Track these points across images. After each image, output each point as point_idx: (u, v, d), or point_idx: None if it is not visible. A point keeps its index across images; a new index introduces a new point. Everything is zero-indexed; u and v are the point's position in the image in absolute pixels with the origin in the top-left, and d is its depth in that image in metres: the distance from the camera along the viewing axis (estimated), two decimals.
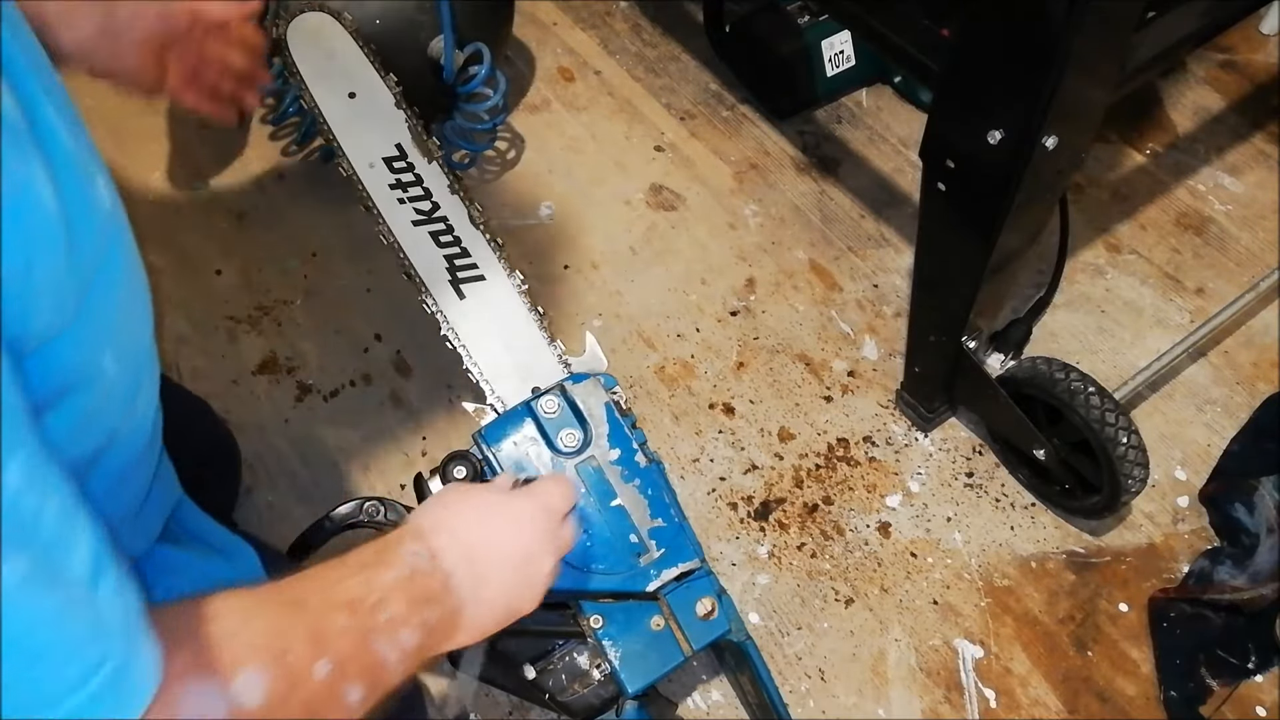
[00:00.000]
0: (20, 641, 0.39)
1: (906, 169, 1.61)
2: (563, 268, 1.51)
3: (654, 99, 1.71)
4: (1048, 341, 1.42)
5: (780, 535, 1.27)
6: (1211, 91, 1.71)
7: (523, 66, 1.74)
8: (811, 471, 1.32)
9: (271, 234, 1.53)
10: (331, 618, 0.55)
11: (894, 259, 1.52)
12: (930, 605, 1.22)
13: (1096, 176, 1.60)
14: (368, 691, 0.57)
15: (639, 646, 0.93)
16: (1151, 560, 1.25)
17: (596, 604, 0.94)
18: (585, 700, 0.96)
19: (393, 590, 0.60)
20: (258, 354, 1.41)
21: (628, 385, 1.39)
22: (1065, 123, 0.92)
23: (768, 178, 1.61)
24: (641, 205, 1.58)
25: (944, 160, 1.01)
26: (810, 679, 1.17)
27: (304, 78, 1.17)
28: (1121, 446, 1.11)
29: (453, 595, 0.64)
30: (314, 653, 0.53)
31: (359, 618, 0.57)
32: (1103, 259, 1.51)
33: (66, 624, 0.41)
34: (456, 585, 0.64)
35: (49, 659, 0.40)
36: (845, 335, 1.45)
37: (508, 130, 1.64)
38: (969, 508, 1.29)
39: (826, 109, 1.69)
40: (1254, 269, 1.49)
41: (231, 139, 1.62)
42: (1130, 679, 1.17)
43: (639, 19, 1.82)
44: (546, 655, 0.97)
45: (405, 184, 1.12)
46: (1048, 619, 1.21)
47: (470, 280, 1.07)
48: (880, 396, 1.38)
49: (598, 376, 0.98)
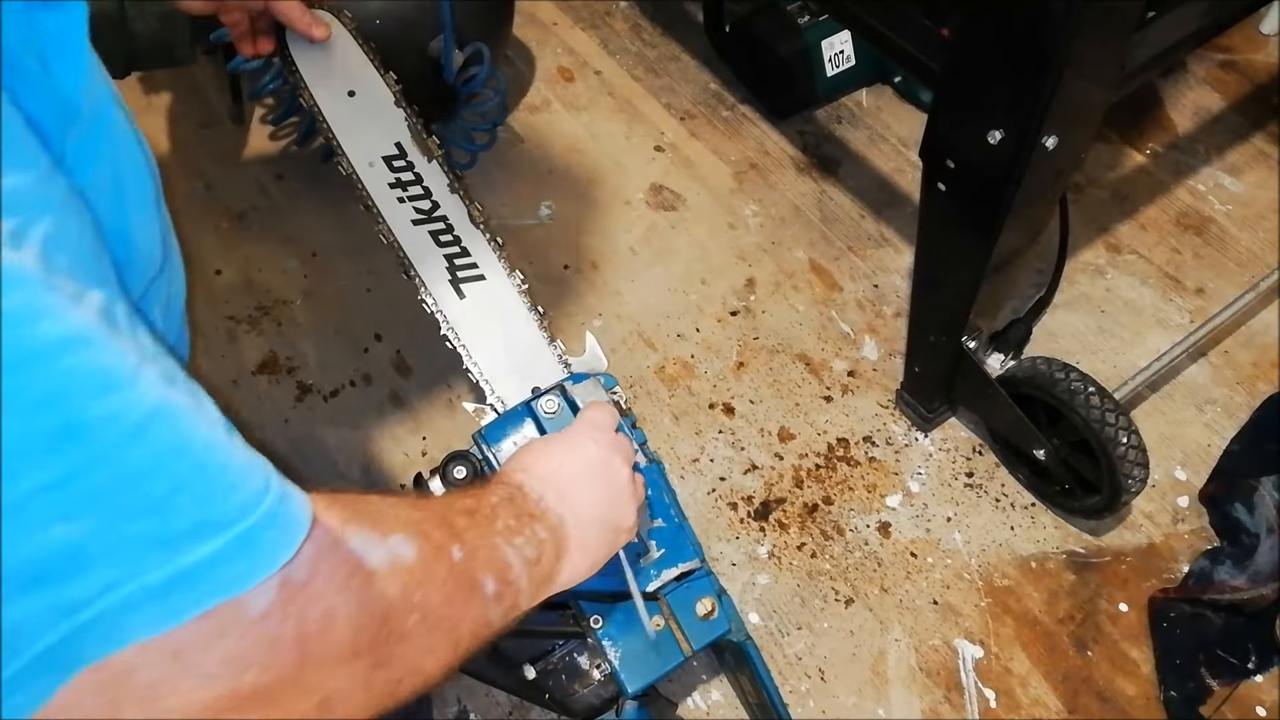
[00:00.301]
0: (204, 455, 0.41)
1: (906, 169, 1.61)
2: (563, 268, 1.51)
3: (654, 99, 1.71)
4: (1048, 341, 1.42)
5: (780, 535, 1.27)
6: (1211, 91, 1.71)
7: (523, 66, 1.74)
8: (811, 471, 1.32)
9: (271, 234, 1.53)
10: (455, 518, 0.58)
11: (894, 259, 1.52)
12: (930, 605, 1.22)
13: (1096, 176, 1.60)
14: (500, 587, 0.59)
15: (639, 646, 0.93)
16: (1151, 560, 1.25)
17: (596, 604, 0.94)
18: (585, 700, 0.96)
19: (499, 506, 0.64)
20: (258, 354, 1.41)
21: (628, 385, 1.39)
22: (1065, 123, 0.92)
23: (768, 178, 1.61)
24: (641, 205, 1.58)
25: (944, 160, 1.01)
26: (810, 679, 1.17)
27: (304, 76, 1.17)
28: (1121, 446, 1.11)
29: (551, 514, 0.67)
30: (448, 538, 0.56)
31: (478, 520, 0.60)
32: (1103, 259, 1.51)
33: (233, 453, 0.42)
34: (551, 507, 0.68)
35: (225, 478, 0.41)
36: (845, 335, 1.45)
37: (508, 130, 1.64)
38: (969, 508, 1.29)
39: (826, 109, 1.69)
40: (1254, 269, 1.49)
41: (231, 139, 1.62)
42: (1130, 679, 1.17)
43: (639, 19, 1.82)
44: (546, 655, 0.97)
45: (405, 183, 1.11)
46: (1048, 619, 1.21)
47: (470, 280, 1.07)
48: (880, 396, 1.38)
49: (598, 376, 0.98)
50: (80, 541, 0.37)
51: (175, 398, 0.40)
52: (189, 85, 1.66)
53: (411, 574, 0.51)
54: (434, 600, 0.52)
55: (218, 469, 0.41)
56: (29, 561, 0.36)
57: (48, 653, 0.38)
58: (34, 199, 0.39)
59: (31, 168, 0.40)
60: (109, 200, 0.51)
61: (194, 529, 0.40)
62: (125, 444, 0.38)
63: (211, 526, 0.40)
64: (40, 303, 0.36)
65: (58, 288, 0.37)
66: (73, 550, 0.37)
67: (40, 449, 0.36)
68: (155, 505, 0.39)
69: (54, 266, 0.38)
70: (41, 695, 0.39)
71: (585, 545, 0.69)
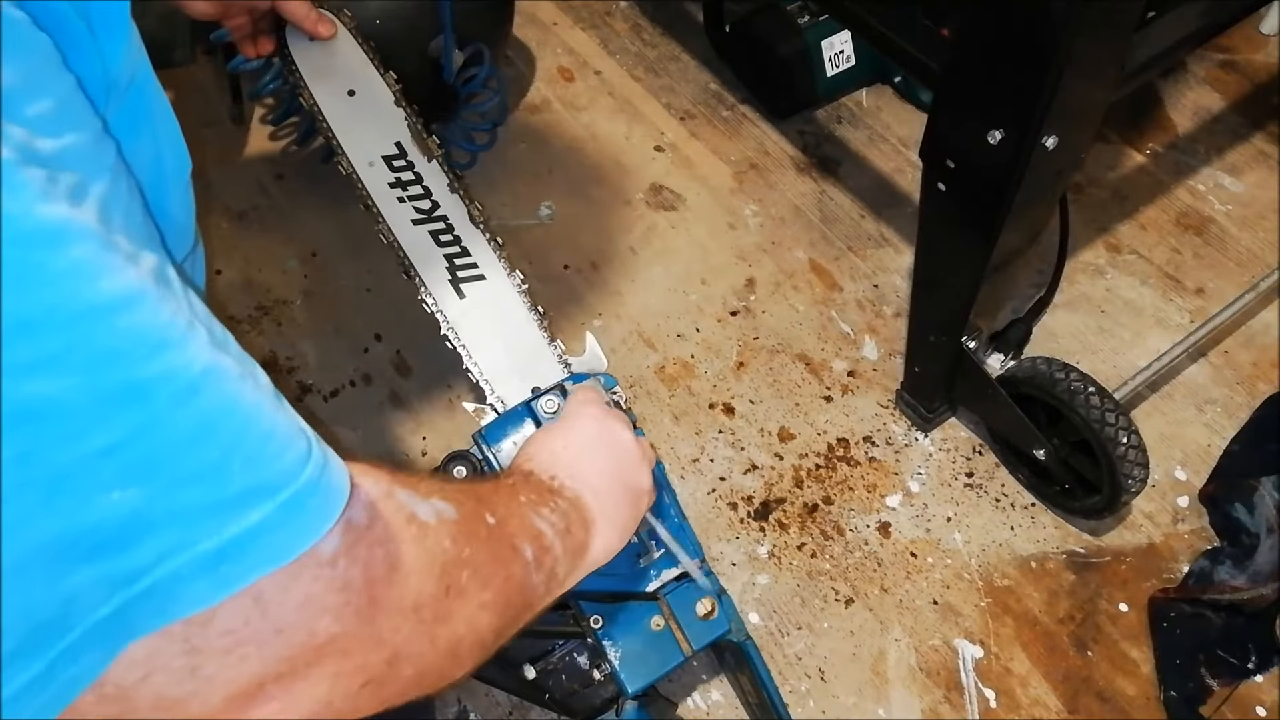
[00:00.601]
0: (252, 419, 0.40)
1: (906, 169, 1.61)
2: (563, 268, 1.51)
3: (654, 99, 1.71)
4: (1048, 341, 1.42)
5: (780, 535, 1.27)
6: (1211, 91, 1.71)
7: (523, 66, 1.74)
8: (811, 471, 1.32)
9: (271, 234, 1.53)
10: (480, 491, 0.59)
11: (894, 259, 1.52)
12: (930, 605, 1.22)
13: (1096, 176, 1.60)
14: (538, 553, 0.60)
15: (639, 646, 0.93)
16: (1151, 560, 1.25)
17: (596, 604, 0.94)
18: (585, 700, 0.96)
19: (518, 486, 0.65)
20: (258, 354, 1.40)
21: (628, 385, 1.39)
22: (1065, 123, 0.92)
23: (768, 178, 1.61)
24: (641, 205, 1.58)
25: (944, 160, 1.01)
26: (810, 679, 1.17)
27: (303, 75, 1.17)
28: (1121, 446, 1.11)
29: (567, 490, 0.68)
30: (480, 506, 0.57)
31: (501, 494, 0.61)
32: (1103, 259, 1.51)
33: (278, 418, 0.42)
34: (566, 484, 0.68)
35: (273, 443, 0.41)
36: (845, 335, 1.45)
37: (508, 130, 1.64)
38: (969, 508, 1.29)
39: (826, 109, 1.69)
40: (1254, 269, 1.49)
41: (231, 139, 1.62)
42: (1130, 679, 1.17)
43: (639, 19, 1.83)
44: (546, 655, 0.97)
45: (405, 182, 1.11)
46: (1048, 619, 1.21)
47: (470, 280, 1.07)
48: (880, 396, 1.38)
49: (598, 376, 0.98)
50: (136, 508, 0.36)
51: (224, 361, 0.40)
52: (189, 85, 1.66)
53: (458, 529, 0.52)
54: (482, 557, 0.53)
55: (265, 433, 0.41)
56: (87, 530, 0.35)
57: (100, 625, 0.37)
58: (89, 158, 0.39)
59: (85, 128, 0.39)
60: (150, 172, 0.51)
61: (246, 494, 0.39)
62: (180, 404, 0.37)
63: (261, 492, 0.40)
64: (101, 259, 0.36)
65: (116, 246, 0.37)
66: (129, 517, 0.36)
67: (104, 408, 0.35)
68: (208, 470, 0.38)
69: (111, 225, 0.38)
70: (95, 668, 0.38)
71: (609, 516, 0.70)
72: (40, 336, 0.34)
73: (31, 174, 0.35)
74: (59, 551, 0.35)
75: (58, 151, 0.37)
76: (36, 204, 0.34)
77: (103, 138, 0.41)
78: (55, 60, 0.39)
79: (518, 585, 0.57)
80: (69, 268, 0.34)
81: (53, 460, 0.34)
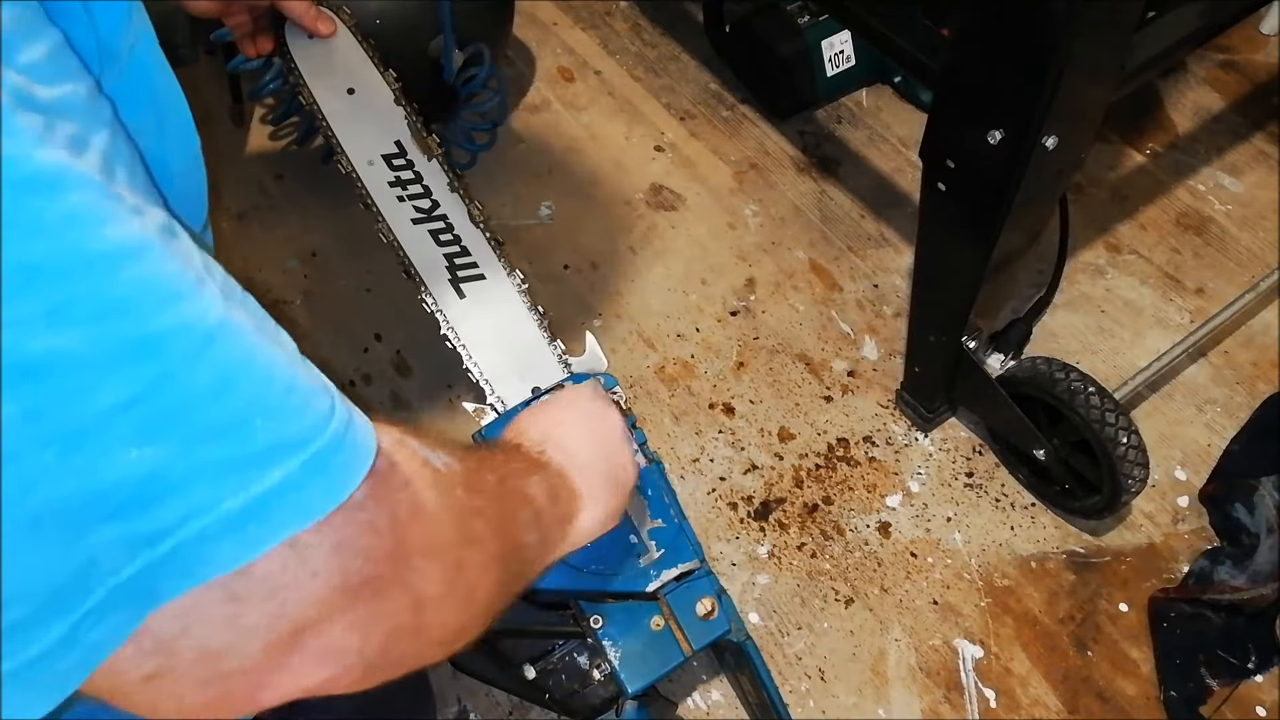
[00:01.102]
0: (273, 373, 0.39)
1: (906, 169, 1.61)
2: (563, 268, 1.51)
3: (654, 99, 1.71)
4: (1048, 341, 1.42)
5: (780, 535, 1.27)
6: (1211, 91, 1.71)
7: (523, 66, 1.74)
8: (811, 471, 1.32)
9: (271, 234, 1.53)
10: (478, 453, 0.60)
11: (894, 259, 1.52)
12: (930, 605, 1.22)
13: (1096, 176, 1.60)
14: (532, 516, 0.60)
15: (639, 646, 0.93)
16: (1151, 560, 1.25)
17: (596, 604, 0.94)
18: (585, 700, 0.96)
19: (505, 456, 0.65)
20: None
21: (628, 385, 1.39)
22: (1065, 123, 0.92)
23: (768, 178, 1.61)
24: (641, 205, 1.58)
25: (944, 160, 1.01)
26: (810, 679, 1.17)
27: (303, 74, 1.17)
28: (1121, 446, 1.11)
29: (553, 463, 0.68)
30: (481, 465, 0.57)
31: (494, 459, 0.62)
32: (1103, 259, 1.51)
33: (298, 373, 0.41)
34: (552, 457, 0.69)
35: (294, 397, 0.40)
36: (845, 335, 1.45)
37: (508, 130, 1.64)
38: (969, 508, 1.29)
39: (826, 109, 1.69)
40: (1254, 269, 1.49)
41: (231, 139, 1.62)
42: (1130, 679, 1.17)
43: (639, 19, 1.82)
44: (546, 655, 0.97)
45: (404, 181, 1.11)
46: (1048, 619, 1.21)
47: (470, 279, 1.07)
48: (880, 396, 1.38)
49: (598, 376, 0.98)
50: (156, 466, 0.35)
51: (238, 315, 0.39)
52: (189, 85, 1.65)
53: (468, 480, 0.52)
54: (490, 507, 0.54)
55: (286, 388, 0.39)
56: (106, 489, 0.34)
57: (124, 587, 0.36)
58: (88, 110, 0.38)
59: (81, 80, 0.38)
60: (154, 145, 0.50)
61: (269, 451, 0.38)
62: (195, 358, 0.36)
63: (286, 448, 0.38)
64: (104, 208, 0.35)
65: (119, 197, 0.36)
66: (149, 476, 0.35)
67: (115, 361, 0.34)
68: (230, 426, 0.37)
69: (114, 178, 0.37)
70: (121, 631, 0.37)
71: (594, 493, 0.70)
72: (42, 286, 0.32)
73: (29, 119, 0.34)
74: (77, 512, 0.34)
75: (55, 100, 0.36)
76: (34, 149, 0.33)
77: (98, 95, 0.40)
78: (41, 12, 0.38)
79: (519, 543, 0.58)
80: (69, 214, 0.33)
81: (65, 417, 0.33)
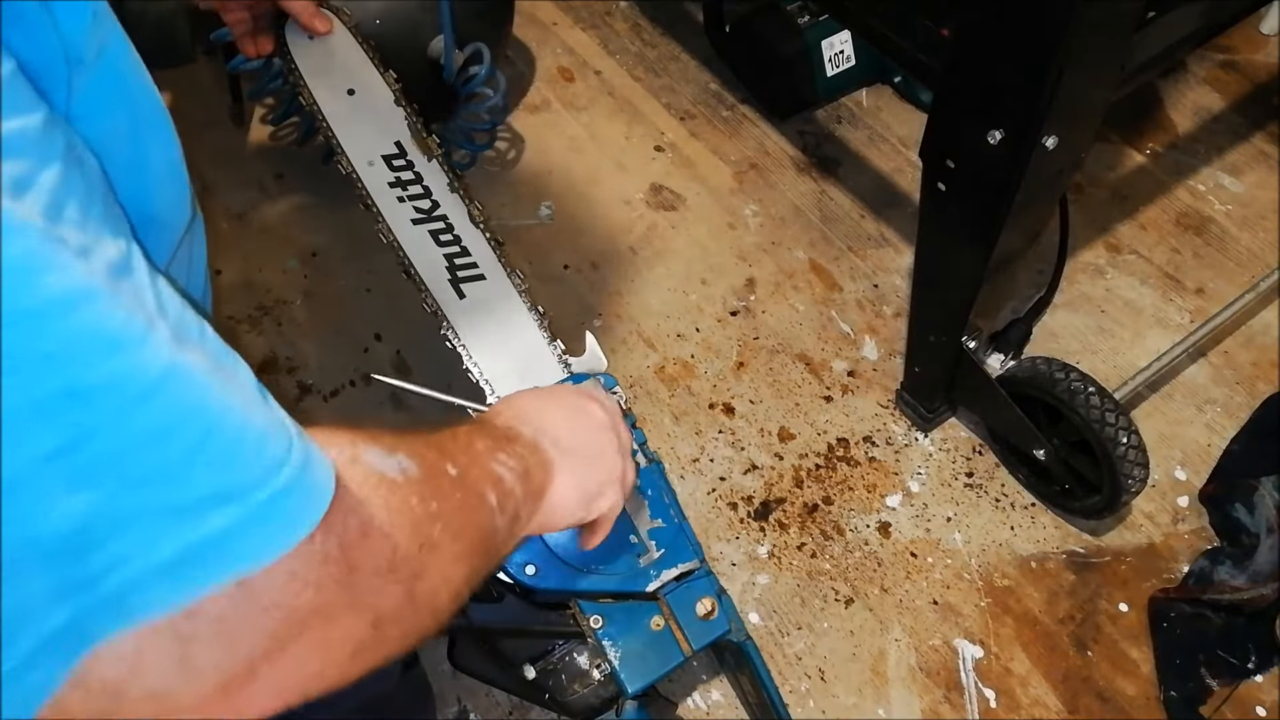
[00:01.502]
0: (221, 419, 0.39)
1: (906, 169, 1.61)
2: (563, 268, 1.51)
3: (654, 99, 1.71)
4: (1048, 341, 1.42)
5: (780, 535, 1.27)
6: (1211, 91, 1.71)
7: (523, 66, 1.74)
8: (811, 471, 1.32)
9: (271, 234, 1.53)
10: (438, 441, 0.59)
11: (894, 259, 1.52)
12: (930, 605, 1.22)
13: (1096, 176, 1.60)
14: (500, 499, 0.59)
15: (639, 646, 0.93)
16: (1151, 560, 1.25)
17: (596, 604, 0.94)
18: (585, 700, 0.96)
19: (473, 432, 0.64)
20: (258, 354, 1.41)
21: (628, 385, 1.39)
22: (1065, 123, 0.92)
23: (768, 178, 1.61)
24: (641, 205, 1.58)
25: (944, 160, 1.01)
26: (810, 679, 1.17)
27: (303, 74, 1.17)
28: (1121, 446, 1.11)
29: (525, 437, 0.67)
30: (439, 456, 0.56)
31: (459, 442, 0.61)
32: (1103, 259, 1.51)
33: (254, 416, 0.41)
34: (524, 432, 0.68)
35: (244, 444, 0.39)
36: (845, 335, 1.45)
37: (508, 130, 1.64)
38: (969, 508, 1.29)
39: (826, 109, 1.69)
40: (1254, 269, 1.49)
41: (231, 139, 1.62)
42: (1130, 679, 1.17)
43: (639, 19, 1.82)
44: (546, 655, 0.97)
45: (405, 182, 1.11)
46: (1048, 619, 1.21)
47: (470, 280, 1.07)
48: (880, 396, 1.38)
49: (598, 376, 0.98)
50: (87, 513, 0.35)
51: (191, 358, 0.38)
52: (189, 85, 1.66)
53: (424, 483, 0.51)
54: (449, 508, 0.53)
55: (235, 433, 0.39)
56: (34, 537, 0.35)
57: (56, 634, 0.36)
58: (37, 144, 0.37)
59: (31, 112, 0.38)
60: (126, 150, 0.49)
61: (209, 498, 0.38)
62: (133, 408, 0.36)
63: (228, 495, 0.38)
64: (43, 255, 0.34)
65: (63, 240, 0.35)
66: (80, 523, 0.35)
67: (43, 413, 0.34)
68: (166, 473, 0.37)
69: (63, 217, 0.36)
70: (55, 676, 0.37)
71: (569, 466, 0.69)
72: None
73: None
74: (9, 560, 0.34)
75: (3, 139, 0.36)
76: None
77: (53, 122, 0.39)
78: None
79: (485, 532, 0.58)
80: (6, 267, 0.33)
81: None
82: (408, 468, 0.51)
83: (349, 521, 0.45)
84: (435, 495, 0.52)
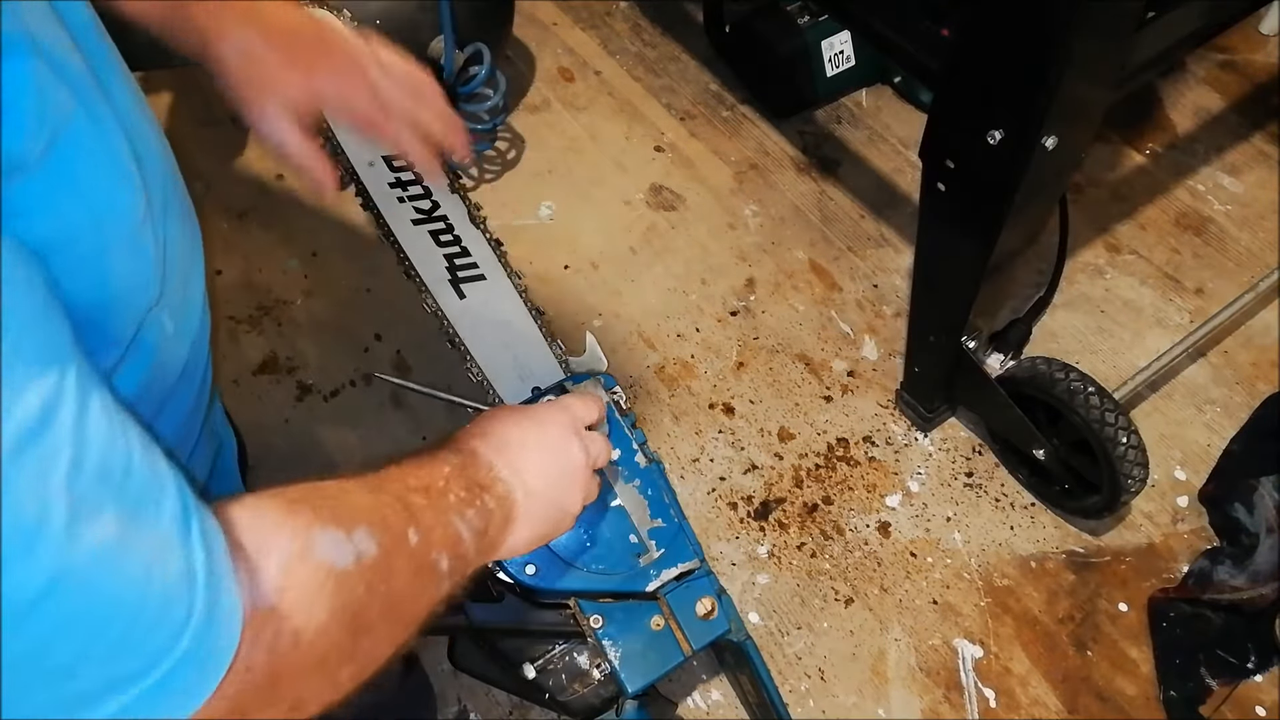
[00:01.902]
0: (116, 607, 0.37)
1: (906, 169, 1.61)
2: (563, 268, 1.51)
3: (654, 99, 1.71)
4: (1048, 341, 1.42)
5: (780, 535, 1.27)
6: (1211, 91, 1.71)
7: (523, 66, 1.74)
8: (811, 471, 1.32)
9: (271, 234, 1.53)
10: (410, 498, 0.58)
11: (894, 259, 1.52)
12: (930, 605, 1.22)
13: (1096, 176, 1.60)
14: (453, 563, 0.59)
15: (639, 646, 0.93)
16: (1151, 560, 1.25)
17: (596, 604, 0.94)
18: (585, 700, 0.96)
19: (452, 478, 0.64)
20: (258, 354, 1.41)
21: (628, 385, 1.39)
22: (1065, 123, 0.92)
23: (768, 178, 1.61)
24: (641, 205, 1.58)
25: (944, 160, 1.01)
26: (810, 679, 1.17)
27: None
28: (1121, 446, 1.11)
29: (500, 484, 0.68)
30: (405, 521, 0.56)
31: (432, 498, 0.60)
32: (1103, 259, 1.51)
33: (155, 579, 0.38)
34: (501, 477, 0.68)
35: (141, 623, 0.38)
36: (845, 335, 1.45)
37: (508, 130, 1.64)
38: (969, 508, 1.29)
39: (826, 109, 1.69)
40: (1254, 269, 1.49)
41: (231, 139, 1.62)
42: (1130, 679, 1.17)
43: (639, 19, 1.83)
44: (546, 655, 0.97)
45: (405, 182, 1.11)
46: (1047, 619, 1.21)
47: (470, 280, 1.07)
48: (880, 396, 1.38)
49: (598, 376, 0.98)
50: None
51: (91, 538, 0.36)
52: (189, 85, 1.66)
53: (376, 568, 0.50)
54: (395, 588, 0.53)
55: (129, 618, 0.37)
56: None
57: None
58: None
59: None
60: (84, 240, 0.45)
61: (104, 688, 0.38)
62: (17, 624, 0.34)
63: (123, 681, 0.38)
64: None
65: None
66: None
67: None
68: (59, 673, 0.36)
69: None
70: None
71: (531, 519, 0.70)
72: None
73: None
74: None
75: None
76: None
77: None
78: None
79: (427, 605, 0.57)
80: None
81: None
82: (364, 551, 0.50)
83: (282, 628, 0.44)
84: (386, 576, 0.51)
